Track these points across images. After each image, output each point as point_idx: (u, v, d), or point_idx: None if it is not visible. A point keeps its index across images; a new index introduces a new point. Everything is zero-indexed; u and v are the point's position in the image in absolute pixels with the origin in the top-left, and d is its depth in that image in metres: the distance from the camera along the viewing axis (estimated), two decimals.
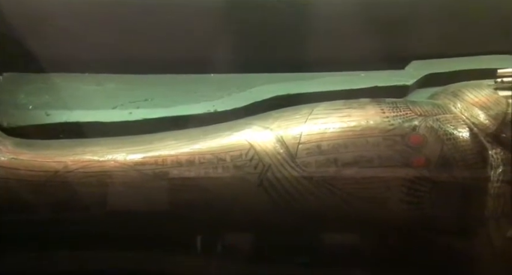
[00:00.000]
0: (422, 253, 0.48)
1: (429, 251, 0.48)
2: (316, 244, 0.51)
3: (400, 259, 0.50)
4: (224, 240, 0.53)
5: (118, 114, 0.61)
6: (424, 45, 0.68)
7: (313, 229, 0.51)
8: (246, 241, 0.53)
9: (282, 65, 0.70)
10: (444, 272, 0.49)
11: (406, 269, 0.51)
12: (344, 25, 0.69)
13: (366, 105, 0.54)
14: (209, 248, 0.52)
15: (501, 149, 0.47)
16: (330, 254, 0.52)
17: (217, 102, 0.64)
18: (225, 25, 0.70)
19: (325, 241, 0.51)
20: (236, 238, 0.53)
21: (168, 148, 0.53)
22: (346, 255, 0.51)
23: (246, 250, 0.53)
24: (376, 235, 0.50)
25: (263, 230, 0.52)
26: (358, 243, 0.51)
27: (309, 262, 0.54)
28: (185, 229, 0.51)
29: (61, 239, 0.52)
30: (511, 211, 0.45)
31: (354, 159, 0.49)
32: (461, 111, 0.51)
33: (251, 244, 0.53)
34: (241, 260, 0.54)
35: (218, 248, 0.53)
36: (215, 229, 0.52)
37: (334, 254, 0.51)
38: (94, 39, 0.70)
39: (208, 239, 0.52)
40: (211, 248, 0.52)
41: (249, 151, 0.52)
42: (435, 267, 0.49)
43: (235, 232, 0.52)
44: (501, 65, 0.56)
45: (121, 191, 0.50)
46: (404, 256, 0.49)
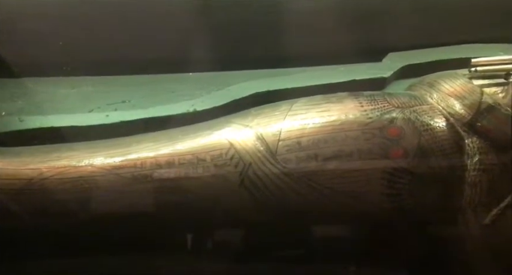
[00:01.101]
0: (404, 244, 0.49)
1: (410, 241, 0.49)
2: (300, 239, 0.52)
3: (383, 250, 0.51)
4: (207, 240, 0.52)
5: (94, 118, 0.60)
6: (401, 36, 0.69)
7: (296, 225, 0.51)
8: (230, 240, 0.53)
9: (261, 62, 0.70)
10: (427, 261, 0.50)
11: (390, 261, 0.52)
12: (320, 19, 0.69)
13: (344, 99, 0.54)
14: (193, 249, 0.52)
15: (477, 138, 0.48)
16: (314, 249, 0.52)
17: (196, 102, 0.64)
18: (201, 23, 0.69)
19: (308, 237, 0.52)
20: (219, 237, 0.53)
21: (147, 150, 0.52)
22: (329, 250, 0.52)
23: (230, 249, 0.53)
24: (358, 228, 0.51)
25: (246, 229, 0.52)
26: (342, 237, 0.51)
27: (294, 257, 0.55)
28: (167, 231, 0.51)
29: (40, 247, 0.51)
30: (487, 199, 0.46)
31: (333, 154, 0.50)
32: (438, 102, 0.52)
33: (235, 242, 0.53)
34: (226, 259, 0.54)
35: (202, 248, 0.53)
36: (198, 230, 0.51)
37: (318, 249, 0.52)
38: (67, 41, 0.68)
39: (191, 240, 0.52)
40: (195, 249, 0.52)
41: (229, 150, 0.52)
42: (418, 257, 0.50)
43: (218, 231, 0.52)
44: (475, 55, 0.57)
45: (99, 196, 0.49)
46: (387, 247, 0.50)
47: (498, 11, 0.68)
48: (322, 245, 0.54)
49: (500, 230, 0.46)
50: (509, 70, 0.53)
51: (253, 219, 0.51)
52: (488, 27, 0.68)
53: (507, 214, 0.45)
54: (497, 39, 0.69)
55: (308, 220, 0.51)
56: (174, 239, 0.53)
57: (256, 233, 0.54)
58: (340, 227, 0.52)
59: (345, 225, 0.52)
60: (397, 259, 0.51)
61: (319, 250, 0.55)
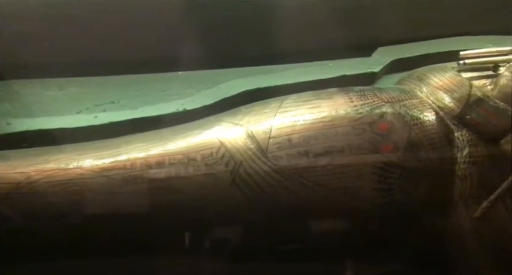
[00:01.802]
0: (397, 239, 0.49)
1: (402, 236, 0.49)
2: (292, 237, 0.52)
3: (376, 245, 0.51)
4: (203, 240, 0.52)
5: (83, 119, 0.59)
6: (390, 31, 0.69)
7: (288, 222, 0.51)
8: (223, 240, 0.52)
9: (250, 59, 0.70)
10: (421, 254, 0.50)
11: (383, 255, 0.52)
12: (309, 15, 0.68)
13: (334, 95, 0.54)
14: (186, 249, 0.52)
15: (466, 131, 0.48)
16: (307, 246, 0.52)
17: (186, 101, 0.63)
18: (190, 21, 0.69)
19: (300, 234, 0.52)
20: (212, 237, 0.52)
21: (137, 151, 0.51)
22: (323, 246, 0.51)
23: (223, 249, 0.53)
24: (351, 224, 0.51)
25: (238, 228, 0.52)
26: (334, 233, 0.51)
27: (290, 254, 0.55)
28: (159, 232, 0.50)
29: (30, 251, 0.51)
30: (478, 192, 0.46)
31: (324, 150, 0.49)
32: (427, 96, 0.52)
33: (227, 242, 0.53)
34: (219, 259, 0.54)
35: (198, 248, 0.53)
36: (191, 230, 0.51)
37: (311, 246, 0.52)
38: (53, 42, 0.67)
39: (187, 240, 0.51)
40: (188, 249, 0.52)
41: (220, 148, 0.51)
42: (411, 251, 0.50)
43: (211, 231, 0.52)
44: (464, 47, 0.57)
45: (89, 198, 0.48)
46: (380, 242, 0.50)
47: (486, 3, 0.69)
48: (317, 241, 0.54)
49: (491, 223, 0.46)
50: (498, 62, 0.53)
51: (246, 217, 0.51)
52: (476, 19, 0.69)
53: (497, 206, 0.46)
54: (486, 32, 0.69)
55: (300, 217, 0.50)
56: (168, 240, 0.53)
57: (251, 231, 0.54)
58: (334, 223, 0.51)
59: (338, 221, 0.52)
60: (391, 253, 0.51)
61: (314, 246, 0.55)
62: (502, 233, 0.46)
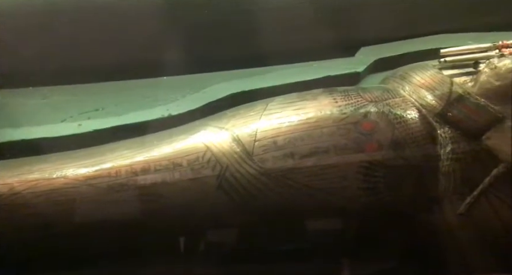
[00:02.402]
0: (385, 237, 0.50)
1: (390, 234, 0.49)
2: (281, 239, 0.52)
3: (365, 244, 0.51)
4: (189, 246, 0.52)
5: (67, 128, 0.59)
6: (372, 30, 0.69)
7: (276, 224, 0.51)
8: (212, 244, 0.52)
9: (235, 62, 0.70)
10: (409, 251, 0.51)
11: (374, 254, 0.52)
12: (291, 17, 0.69)
13: (319, 96, 0.54)
14: (174, 255, 0.52)
15: (449, 128, 0.49)
16: (296, 247, 0.52)
17: (171, 106, 0.63)
18: (172, 26, 0.69)
19: (289, 235, 0.52)
20: (201, 242, 0.52)
21: (122, 158, 0.51)
22: (312, 247, 0.52)
23: (212, 253, 0.53)
24: (338, 224, 0.51)
25: (227, 232, 0.52)
26: (323, 234, 0.51)
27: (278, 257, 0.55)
28: (146, 240, 0.50)
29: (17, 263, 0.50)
30: (461, 188, 0.47)
31: (310, 151, 0.50)
32: (410, 94, 0.52)
33: (217, 246, 0.52)
34: (209, 263, 0.54)
35: (184, 254, 0.52)
36: (178, 236, 0.51)
37: (301, 247, 0.52)
38: (34, 50, 0.67)
39: (172, 247, 0.51)
40: (177, 255, 0.52)
41: (206, 153, 0.51)
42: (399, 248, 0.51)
43: (199, 237, 0.52)
44: (446, 45, 0.57)
45: (74, 208, 0.48)
46: (369, 241, 0.51)
47: (465, 1, 0.70)
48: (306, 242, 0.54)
49: (475, 218, 0.46)
50: (478, 59, 0.54)
51: (234, 221, 0.51)
52: (457, 17, 0.69)
53: (481, 202, 0.46)
54: (466, 29, 0.70)
55: (288, 219, 0.51)
56: (156, 246, 0.52)
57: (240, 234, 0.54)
58: (322, 223, 0.52)
59: (326, 221, 0.52)
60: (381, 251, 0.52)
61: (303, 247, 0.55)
62: (487, 228, 0.46)
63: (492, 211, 0.46)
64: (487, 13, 0.68)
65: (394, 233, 0.49)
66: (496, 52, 0.53)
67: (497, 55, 0.53)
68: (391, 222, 0.49)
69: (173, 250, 0.52)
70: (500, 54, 0.53)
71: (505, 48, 0.53)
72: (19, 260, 0.50)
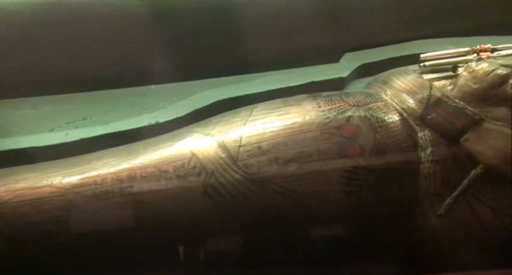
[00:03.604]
0: (369, 240, 0.50)
1: (374, 237, 0.50)
2: (267, 244, 0.52)
3: (349, 246, 0.51)
4: (175, 252, 0.52)
5: (54, 137, 0.59)
6: (355, 37, 0.71)
7: (261, 229, 0.52)
8: (199, 250, 0.52)
9: (221, 70, 0.71)
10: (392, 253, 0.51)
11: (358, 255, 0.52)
12: (276, 24, 0.70)
13: (303, 102, 0.55)
14: (161, 262, 0.52)
15: (429, 131, 0.50)
16: (284, 252, 0.52)
17: (158, 114, 0.64)
18: (159, 35, 0.70)
19: (275, 240, 0.52)
20: (187, 248, 0.52)
21: (108, 166, 0.51)
22: (299, 251, 0.52)
23: (200, 259, 0.53)
24: (324, 228, 0.51)
25: (213, 238, 0.52)
26: (309, 238, 0.52)
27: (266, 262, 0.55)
28: (132, 247, 0.50)
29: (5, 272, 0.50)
30: (442, 189, 0.47)
31: (294, 156, 0.50)
32: (391, 98, 0.53)
33: (204, 252, 0.53)
34: (196, 269, 0.54)
35: (171, 261, 0.53)
36: (164, 244, 0.51)
37: (286, 251, 0.52)
38: (22, 61, 0.67)
39: (158, 254, 0.51)
40: (164, 262, 0.52)
41: (191, 159, 0.52)
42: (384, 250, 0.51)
43: (186, 243, 0.52)
44: (427, 50, 0.58)
45: (60, 216, 0.48)
46: (352, 243, 0.51)
47: (446, 6, 0.71)
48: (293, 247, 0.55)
49: (455, 218, 0.47)
50: (456, 63, 0.55)
51: (220, 228, 0.51)
52: (438, 22, 0.71)
53: (460, 203, 0.47)
54: (448, 34, 0.71)
55: (274, 224, 0.51)
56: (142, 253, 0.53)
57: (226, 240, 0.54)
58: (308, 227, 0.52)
59: (311, 226, 0.52)
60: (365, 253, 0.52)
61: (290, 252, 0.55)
62: (466, 228, 0.47)
63: (471, 211, 0.47)
64: (465, 18, 0.70)
65: (377, 236, 0.49)
66: (474, 56, 0.55)
67: (475, 59, 0.54)
68: (374, 225, 0.50)
69: (160, 257, 0.53)
70: (478, 58, 0.54)
71: (483, 52, 0.55)
72: (5, 270, 0.50)
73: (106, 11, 0.67)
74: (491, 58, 0.53)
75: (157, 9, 0.67)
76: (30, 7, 0.63)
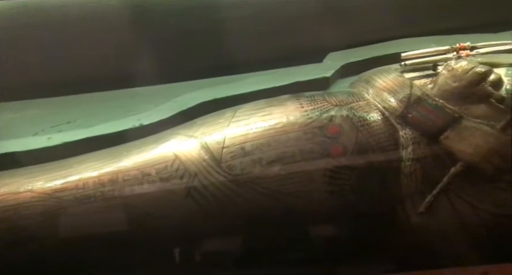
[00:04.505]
0: (351, 238, 0.50)
1: (357, 235, 0.50)
2: (253, 245, 0.52)
3: (333, 246, 0.52)
4: (160, 255, 0.52)
5: (36, 141, 0.59)
6: (339, 36, 0.71)
7: (246, 231, 0.52)
8: (183, 254, 0.52)
9: (206, 71, 0.71)
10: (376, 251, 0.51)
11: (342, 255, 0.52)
12: (260, 25, 0.70)
13: (286, 102, 0.55)
14: (145, 266, 0.51)
15: (409, 129, 0.50)
16: (267, 253, 0.52)
17: (142, 116, 0.63)
18: (143, 37, 0.69)
19: (260, 241, 0.52)
20: (172, 252, 0.52)
21: (90, 170, 0.51)
22: (282, 252, 0.52)
23: (185, 262, 0.53)
24: (308, 228, 0.51)
25: (197, 240, 0.52)
26: (294, 238, 0.52)
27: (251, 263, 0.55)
28: (116, 251, 0.50)
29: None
30: (422, 187, 0.47)
31: (277, 156, 0.50)
32: (373, 97, 0.54)
33: (188, 255, 0.53)
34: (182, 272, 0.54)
35: (156, 264, 0.52)
36: (148, 248, 0.51)
37: (270, 252, 0.52)
38: (5, 65, 0.67)
39: (142, 258, 0.51)
40: (147, 266, 0.52)
41: (174, 161, 0.51)
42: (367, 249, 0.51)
43: (170, 246, 0.52)
44: (410, 48, 0.59)
45: (42, 221, 0.48)
46: (336, 242, 0.51)
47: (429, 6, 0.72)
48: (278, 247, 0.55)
49: (436, 216, 0.47)
50: (436, 61, 0.56)
51: (204, 230, 0.51)
52: (420, 21, 0.71)
53: (441, 200, 0.47)
54: (431, 32, 0.72)
55: (258, 225, 0.51)
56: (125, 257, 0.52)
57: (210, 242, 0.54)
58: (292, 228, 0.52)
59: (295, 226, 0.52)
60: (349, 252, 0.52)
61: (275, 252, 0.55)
62: (447, 225, 0.47)
63: (451, 209, 0.47)
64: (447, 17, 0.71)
65: (360, 234, 0.50)
66: (453, 54, 0.55)
67: (455, 57, 0.54)
68: (357, 223, 0.50)
69: (144, 260, 0.52)
70: (458, 56, 0.55)
71: (462, 51, 0.55)
72: None
73: (87, 13, 0.67)
74: (471, 56, 0.54)
75: (140, 10, 0.67)
76: (10, 10, 0.62)
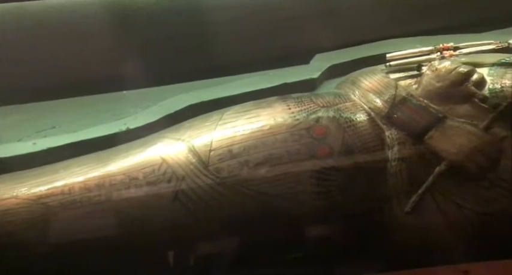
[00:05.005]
0: (339, 239, 0.51)
1: (345, 235, 0.50)
2: (241, 247, 0.52)
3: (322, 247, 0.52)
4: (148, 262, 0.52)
5: (21, 147, 0.57)
6: (326, 38, 0.71)
7: (234, 233, 0.51)
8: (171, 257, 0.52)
9: (193, 73, 0.70)
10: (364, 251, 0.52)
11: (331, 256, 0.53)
12: (246, 27, 0.70)
13: (273, 104, 0.55)
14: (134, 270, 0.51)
15: (395, 129, 0.50)
16: (256, 255, 0.52)
17: (129, 120, 0.62)
18: (129, 40, 0.69)
19: (248, 243, 0.52)
20: (160, 257, 0.52)
21: (75, 175, 0.51)
22: (271, 253, 0.52)
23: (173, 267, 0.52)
24: (295, 229, 0.51)
25: (186, 244, 0.52)
26: (281, 239, 0.52)
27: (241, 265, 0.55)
28: (103, 257, 0.49)
29: None
30: (408, 187, 0.48)
31: (264, 158, 0.50)
32: (359, 98, 0.54)
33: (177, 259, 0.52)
34: None
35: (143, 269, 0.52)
36: (136, 252, 0.50)
37: (260, 254, 0.52)
38: None
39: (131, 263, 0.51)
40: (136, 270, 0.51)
41: (161, 165, 0.51)
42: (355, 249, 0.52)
43: (158, 250, 0.51)
44: (396, 49, 0.59)
45: (26, 228, 0.47)
46: (324, 243, 0.51)
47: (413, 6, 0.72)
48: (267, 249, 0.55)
49: (423, 215, 0.48)
50: (420, 62, 0.56)
51: (193, 233, 0.51)
52: (406, 22, 0.72)
53: (426, 199, 0.48)
54: (417, 33, 0.72)
55: (246, 227, 0.51)
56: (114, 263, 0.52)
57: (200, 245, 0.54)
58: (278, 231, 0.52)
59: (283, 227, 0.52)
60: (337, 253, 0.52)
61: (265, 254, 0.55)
62: (433, 224, 0.48)
63: (437, 208, 0.47)
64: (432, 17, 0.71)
65: (348, 234, 0.50)
66: (437, 55, 0.56)
67: (438, 57, 0.55)
68: (345, 224, 0.50)
69: (133, 264, 0.52)
70: (441, 56, 0.55)
71: (446, 51, 0.56)
72: None
73: (73, 18, 0.66)
74: (454, 56, 0.55)
75: (124, 14, 0.66)
76: None
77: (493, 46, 0.56)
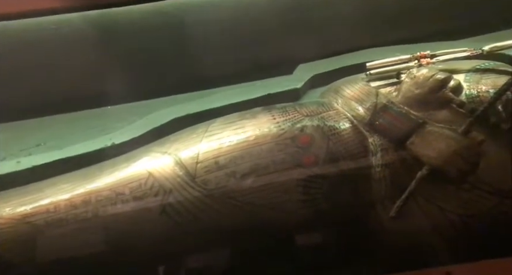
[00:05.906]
0: (327, 246, 0.51)
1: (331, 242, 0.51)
2: (230, 259, 0.52)
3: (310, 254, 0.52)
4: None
5: (5, 166, 0.57)
6: (308, 48, 0.72)
7: (223, 245, 0.51)
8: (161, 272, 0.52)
9: (178, 87, 0.71)
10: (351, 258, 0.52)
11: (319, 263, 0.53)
12: (228, 38, 0.71)
13: (258, 114, 0.56)
14: None
15: (377, 136, 0.51)
16: (245, 266, 0.52)
17: (114, 135, 0.62)
18: (112, 55, 0.69)
19: (237, 255, 0.52)
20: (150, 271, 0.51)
21: (61, 193, 0.50)
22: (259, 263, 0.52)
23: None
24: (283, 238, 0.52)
25: (175, 257, 0.52)
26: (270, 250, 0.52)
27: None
28: (93, 272, 0.49)
29: None
30: (392, 192, 0.49)
31: (250, 169, 0.51)
32: (342, 106, 0.55)
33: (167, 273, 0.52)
34: None
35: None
36: (125, 268, 0.50)
37: (249, 265, 0.52)
38: None
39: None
40: None
41: (148, 179, 0.51)
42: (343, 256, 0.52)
43: (147, 264, 0.51)
44: (376, 58, 0.60)
45: (11, 248, 0.46)
46: (312, 251, 0.52)
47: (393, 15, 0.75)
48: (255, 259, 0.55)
49: (407, 220, 0.48)
50: (400, 70, 0.58)
51: (181, 246, 0.51)
52: (386, 30, 0.74)
53: (410, 204, 0.48)
54: (397, 41, 0.74)
55: (235, 238, 0.51)
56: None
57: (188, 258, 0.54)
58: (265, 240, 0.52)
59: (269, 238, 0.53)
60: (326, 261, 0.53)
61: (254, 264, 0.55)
62: (418, 228, 0.49)
63: (421, 212, 0.48)
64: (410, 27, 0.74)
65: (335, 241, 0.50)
66: (415, 62, 0.57)
67: (416, 65, 0.57)
68: (331, 231, 0.51)
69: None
70: (419, 64, 0.57)
71: (423, 59, 0.58)
72: None
73: (54, 34, 0.66)
74: (431, 64, 0.56)
75: (108, 30, 0.66)
76: None
77: (467, 53, 0.58)
